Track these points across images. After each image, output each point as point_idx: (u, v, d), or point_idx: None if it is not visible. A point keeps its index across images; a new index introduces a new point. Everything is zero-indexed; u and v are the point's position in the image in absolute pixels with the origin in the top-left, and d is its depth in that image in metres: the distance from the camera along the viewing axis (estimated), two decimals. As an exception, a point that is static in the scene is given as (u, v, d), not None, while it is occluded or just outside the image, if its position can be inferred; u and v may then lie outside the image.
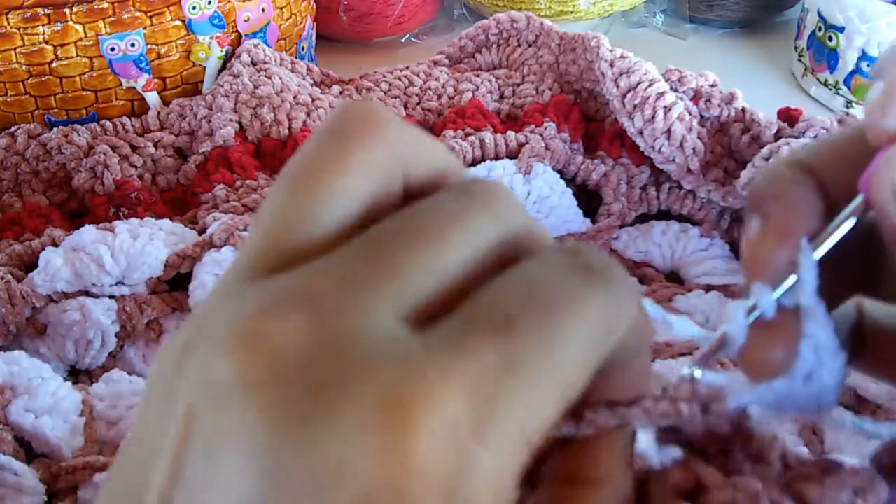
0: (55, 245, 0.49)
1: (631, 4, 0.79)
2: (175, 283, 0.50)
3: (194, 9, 0.60)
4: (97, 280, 0.47)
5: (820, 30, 0.69)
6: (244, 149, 0.57)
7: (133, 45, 0.59)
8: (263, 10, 0.64)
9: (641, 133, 0.54)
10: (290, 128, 0.58)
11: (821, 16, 0.69)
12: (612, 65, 0.55)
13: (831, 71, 0.69)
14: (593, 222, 0.55)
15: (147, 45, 0.59)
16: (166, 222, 0.51)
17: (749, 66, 0.77)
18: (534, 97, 0.60)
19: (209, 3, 0.61)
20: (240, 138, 0.58)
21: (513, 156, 0.56)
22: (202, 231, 0.52)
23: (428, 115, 0.62)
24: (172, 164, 0.59)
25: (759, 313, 0.20)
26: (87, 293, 0.48)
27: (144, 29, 0.59)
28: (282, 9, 0.66)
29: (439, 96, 0.63)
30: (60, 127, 0.58)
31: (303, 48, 0.71)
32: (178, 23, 0.60)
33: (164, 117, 0.60)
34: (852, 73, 0.67)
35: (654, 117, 0.53)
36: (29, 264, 0.49)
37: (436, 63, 0.67)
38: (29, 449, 0.40)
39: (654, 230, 0.53)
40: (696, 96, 0.55)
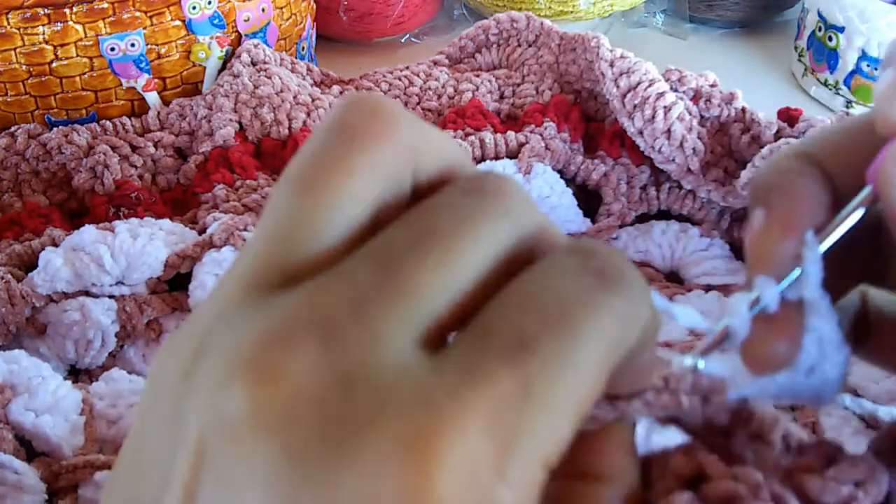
0: (55, 245, 0.49)
1: (631, 4, 0.79)
2: (175, 283, 0.50)
3: (194, 9, 0.60)
4: (97, 280, 0.47)
5: (820, 30, 0.69)
6: (244, 149, 0.57)
7: (133, 45, 0.59)
8: (263, 10, 0.64)
9: (641, 133, 0.54)
10: (290, 128, 0.58)
11: (821, 16, 0.69)
12: (612, 65, 0.55)
13: (831, 71, 0.69)
14: (593, 222, 0.55)
15: (147, 45, 0.59)
16: (166, 222, 0.51)
17: (749, 66, 0.77)
18: (534, 97, 0.60)
19: (209, 3, 0.61)
20: (240, 138, 0.58)
21: (513, 156, 0.56)
22: (202, 231, 0.51)
23: (428, 115, 0.62)
24: (172, 164, 0.58)
25: (763, 306, 0.19)
26: (87, 293, 0.48)
27: (144, 29, 0.59)
28: (282, 9, 0.66)
29: (439, 96, 0.63)
30: (60, 127, 0.58)
31: (303, 48, 0.71)
32: (178, 23, 0.60)
33: (164, 117, 0.60)
34: (852, 73, 0.67)
35: (654, 117, 0.53)
36: (29, 264, 0.49)
37: (436, 63, 0.67)
38: (29, 448, 0.40)
39: (654, 230, 0.53)
40: (696, 96, 0.55)
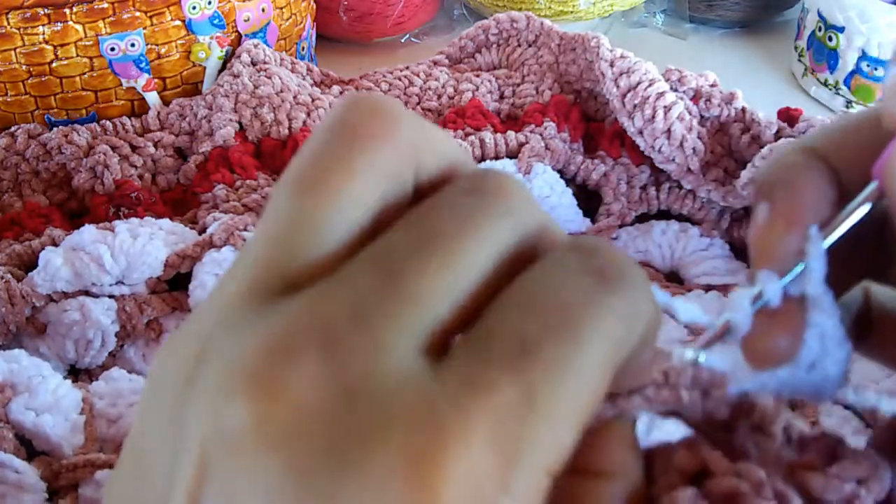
0: (55, 245, 0.49)
1: (631, 4, 0.79)
2: (175, 283, 0.50)
3: (194, 9, 0.60)
4: (97, 280, 0.47)
5: (820, 30, 0.69)
6: (244, 149, 0.57)
7: (133, 45, 0.59)
8: (263, 10, 0.64)
9: (641, 133, 0.54)
10: (290, 128, 0.58)
11: (821, 16, 0.69)
12: (612, 65, 0.55)
13: (831, 71, 0.69)
14: (593, 222, 0.55)
15: (147, 45, 0.59)
16: (166, 222, 0.51)
17: (749, 66, 0.77)
18: (534, 97, 0.60)
19: (209, 3, 0.61)
20: (240, 138, 0.58)
21: (513, 156, 0.56)
22: (202, 231, 0.51)
23: (428, 115, 0.62)
24: (172, 164, 0.58)
25: (765, 301, 0.19)
26: (86, 293, 0.48)
27: (144, 29, 0.59)
28: (282, 9, 0.66)
29: (439, 96, 0.63)
30: (60, 127, 0.58)
31: (303, 48, 0.71)
32: (178, 23, 0.60)
33: (164, 117, 0.60)
34: (852, 73, 0.67)
35: (654, 117, 0.53)
36: (29, 264, 0.49)
37: (436, 63, 0.67)
38: (30, 447, 0.40)
39: (654, 230, 0.53)
40: (696, 96, 0.55)
